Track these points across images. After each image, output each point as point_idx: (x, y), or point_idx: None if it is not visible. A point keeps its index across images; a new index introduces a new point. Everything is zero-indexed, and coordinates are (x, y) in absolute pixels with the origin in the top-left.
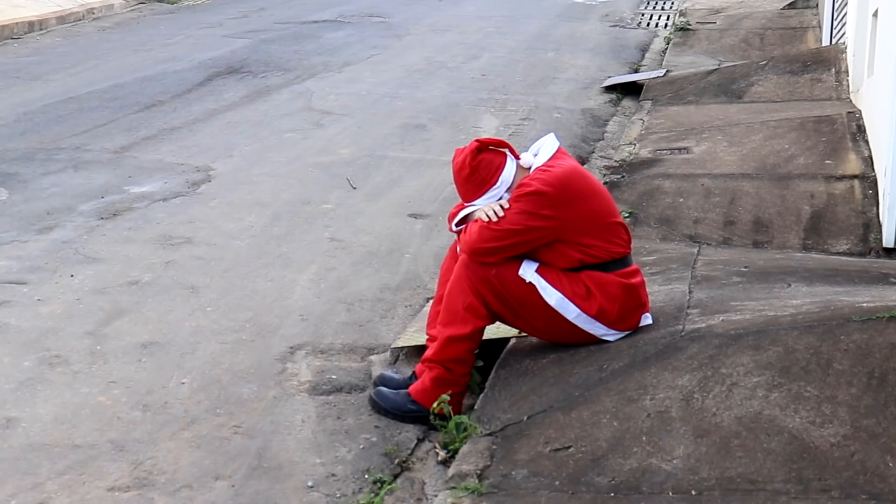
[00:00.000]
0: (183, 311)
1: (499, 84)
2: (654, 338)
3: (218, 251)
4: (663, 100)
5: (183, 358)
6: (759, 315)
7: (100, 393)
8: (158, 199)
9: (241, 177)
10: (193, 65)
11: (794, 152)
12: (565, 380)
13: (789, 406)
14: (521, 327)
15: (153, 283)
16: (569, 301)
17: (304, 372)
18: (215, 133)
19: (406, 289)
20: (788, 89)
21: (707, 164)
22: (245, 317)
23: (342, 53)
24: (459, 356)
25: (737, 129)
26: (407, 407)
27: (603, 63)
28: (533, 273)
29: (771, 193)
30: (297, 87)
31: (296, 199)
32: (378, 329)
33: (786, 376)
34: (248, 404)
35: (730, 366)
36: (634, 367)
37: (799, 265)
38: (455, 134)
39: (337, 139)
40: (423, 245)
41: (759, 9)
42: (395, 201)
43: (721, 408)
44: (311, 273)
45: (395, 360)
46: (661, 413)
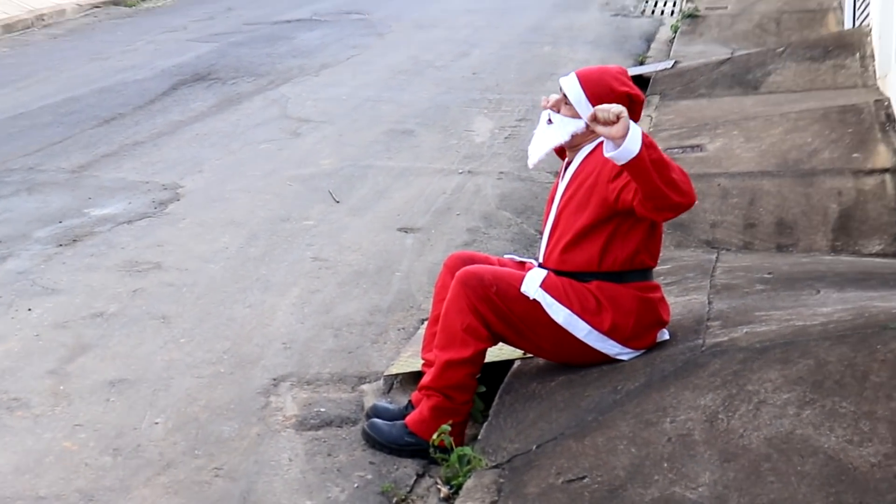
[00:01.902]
0: (154, 343)
1: (491, 83)
2: (672, 354)
3: (190, 276)
4: (672, 94)
5: (155, 395)
6: (787, 325)
7: (65, 438)
8: (122, 221)
9: (213, 194)
10: (156, 73)
11: (817, 146)
12: (576, 403)
13: (824, 424)
14: (526, 348)
15: (120, 315)
16: (578, 318)
17: (290, 405)
18: (183, 147)
19: (398, 310)
20: (809, 77)
21: (723, 163)
22: (222, 347)
23: (319, 55)
24: (459, 382)
25: (754, 122)
26: (404, 440)
27: (605, 56)
28: (537, 289)
29: (794, 192)
30: (270, 94)
31: (274, 216)
32: (369, 355)
33: (818, 391)
34: (229, 444)
35: (756, 382)
36: (652, 388)
37: (828, 269)
38: (446, 139)
39: (317, 149)
40: (416, 261)
41: None
42: (382, 215)
43: (749, 428)
44: (293, 297)
45: (388, 389)
46: (682, 436)
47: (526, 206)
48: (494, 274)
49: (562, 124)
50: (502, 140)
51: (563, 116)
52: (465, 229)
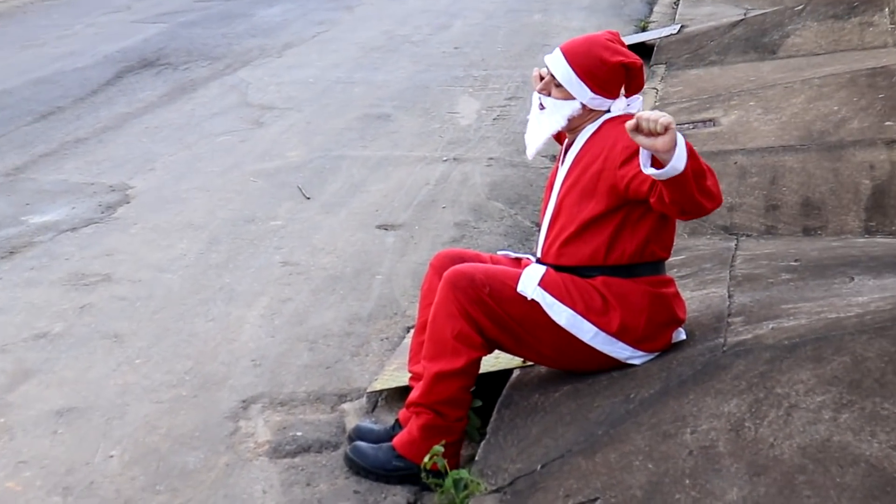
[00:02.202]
0: (106, 366)
1: (476, 58)
2: (689, 356)
3: (144, 289)
4: (680, 62)
5: (109, 425)
6: (818, 318)
7: (7, 477)
8: (66, 228)
9: (167, 194)
10: (98, 60)
11: (845, 115)
12: (584, 416)
13: (864, 429)
14: (525, 355)
15: (66, 335)
16: (582, 318)
17: (262, 430)
18: (131, 142)
19: (380, 318)
20: (833, 38)
21: (739, 138)
22: (183, 367)
23: (281, 33)
24: (452, 396)
25: (772, 91)
26: (392, 464)
27: (602, 22)
28: (535, 287)
29: (821, 167)
30: (228, 79)
31: (237, 216)
32: (349, 370)
33: (857, 392)
34: (194, 476)
35: (786, 384)
36: (669, 395)
37: (862, 253)
38: (427, 122)
39: (282, 139)
40: (398, 263)
41: None
42: (359, 211)
43: (780, 437)
44: (261, 307)
45: (373, 408)
46: (705, 449)
47: (520, 195)
48: (487, 273)
49: (555, 108)
50: (490, 122)
51: (556, 100)
52: (452, 224)
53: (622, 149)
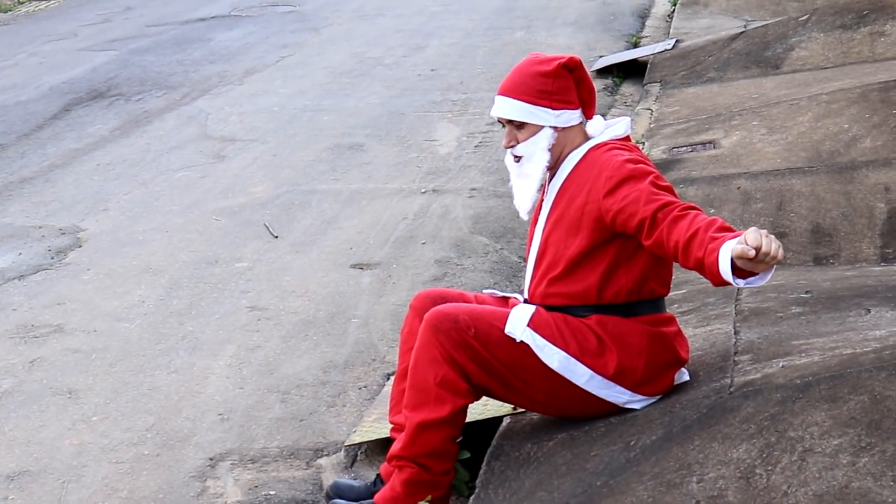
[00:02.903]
0: (60, 424)
1: (454, 80)
2: (693, 398)
3: (100, 339)
4: (675, 80)
5: (65, 489)
6: (832, 355)
7: None
8: (12, 276)
9: (122, 237)
10: (43, 92)
11: (857, 133)
12: (582, 466)
13: (885, 474)
14: (515, 402)
15: (15, 391)
16: (576, 361)
17: (232, 490)
18: (82, 181)
19: (357, 365)
20: (841, 50)
21: (742, 161)
22: (145, 424)
23: (242, 59)
24: (437, 448)
25: (777, 109)
26: None
27: (590, 39)
28: (524, 328)
29: (831, 191)
30: (185, 110)
31: (199, 259)
32: (325, 423)
33: (876, 434)
34: None
35: (799, 426)
36: (672, 441)
37: (878, 283)
38: (403, 152)
39: (246, 174)
40: (375, 304)
41: None
42: (331, 250)
43: (794, 484)
44: (228, 356)
45: (351, 463)
46: (714, 499)
47: (505, 228)
48: (471, 313)
49: (531, 149)
50: (472, 149)
51: (526, 142)
52: (433, 261)
53: (606, 179)
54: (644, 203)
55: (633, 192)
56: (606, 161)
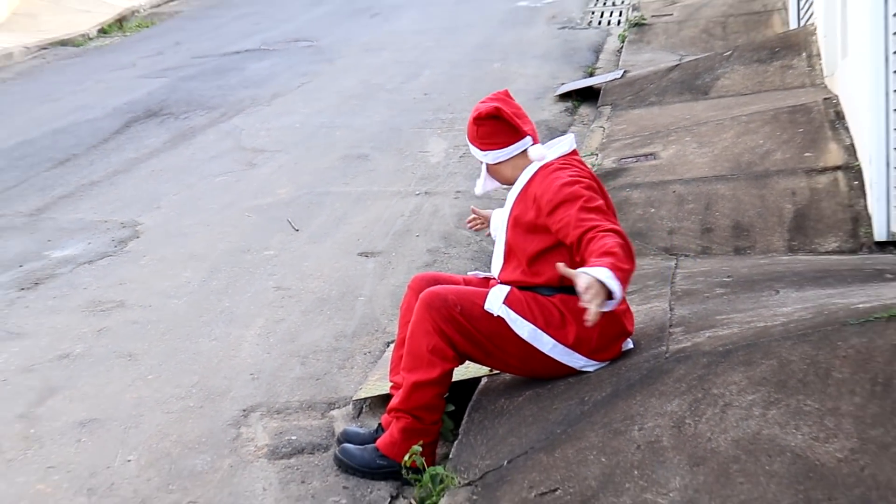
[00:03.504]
0: (122, 381)
1: (443, 102)
2: (636, 362)
3: (154, 313)
4: (623, 103)
5: (126, 433)
6: (748, 327)
7: (38, 480)
8: (83, 261)
9: (172, 229)
10: (108, 111)
11: (769, 147)
12: (545, 417)
13: (789, 423)
14: (492, 365)
15: (86, 355)
16: (542, 332)
17: (261, 435)
18: (139, 184)
19: (363, 335)
20: (757, 80)
21: (677, 169)
22: (190, 381)
23: (270, 84)
24: (428, 402)
25: (705, 127)
26: (376, 463)
27: (554, 69)
28: (500, 305)
29: (749, 194)
30: (223, 126)
31: (234, 248)
32: (337, 381)
33: (783, 391)
34: (202, 476)
35: (721, 385)
36: (618, 397)
37: (786, 269)
38: (401, 161)
39: (273, 178)
40: (378, 285)
41: None
42: (342, 241)
43: (716, 431)
44: (258, 327)
45: (358, 414)
46: (651, 443)
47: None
48: (458, 294)
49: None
50: (457, 159)
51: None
52: (425, 250)
53: (546, 202)
54: (573, 228)
55: (566, 217)
56: (549, 184)
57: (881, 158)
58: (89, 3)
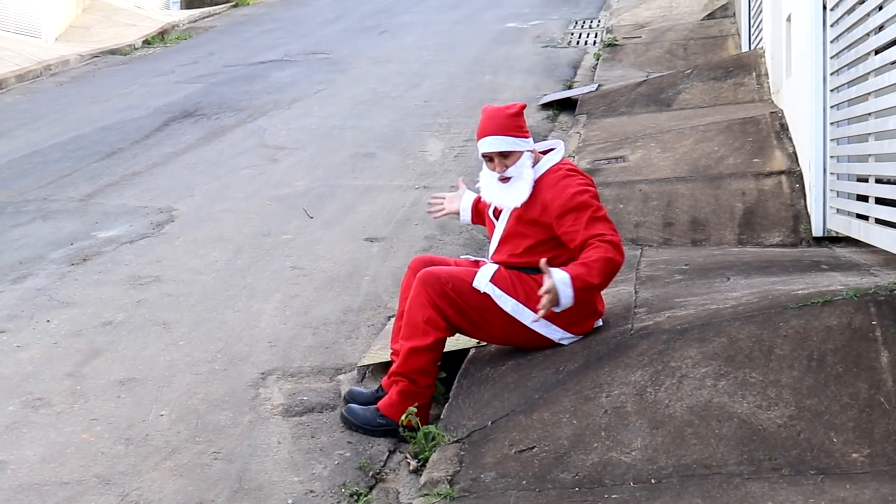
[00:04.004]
0: (157, 346)
1: (441, 109)
2: (605, 338)
3: (186, 287)
4: (597, 113)
5: (160, 391)
6: (703, 309)
7: (83, 431)
8: (125, 241)
9: (203, 214)
10: (150, 112)
11: (723, 153)
12: (525, 384)
13: (737, 393)
14: (480, 337)
15: (126, 323)
16: (523, 306)
17: (277, 395)
18: (175, 175)
19: (368, 309)
20: (714, 95)
21: (643, 171)
22: (216, 347)
23: (290, 91)
24: (422, 367)
25: (668, 135)
26: (376, 421)
27: (538, 82)
28: (487, 283)
29: (705, 194)
30: (249, 126)
31: (257, 231)
32: (344, 349)
33: (731, 365)
34: (225, 430)
35: (678, 359)
36: (589, 367)
37: (736, 259)
38: (403, 159)
39: (291, 172)
40: (381, 266)
41: (681, 21)
42: (350, 227)
43: (673, 399)
44: (276, 301)
45: (362, 378)
46: (617, 409)
47: None
48: (450, 273)
49: (520, 168)
50: (452, 158)
51: (514, 165)
52: (423, 237)
53: (559, 206)
54: (580, 235)
55: (575, 225)
56: (563, 188)
57: (819, 164)
58: (135, 18)
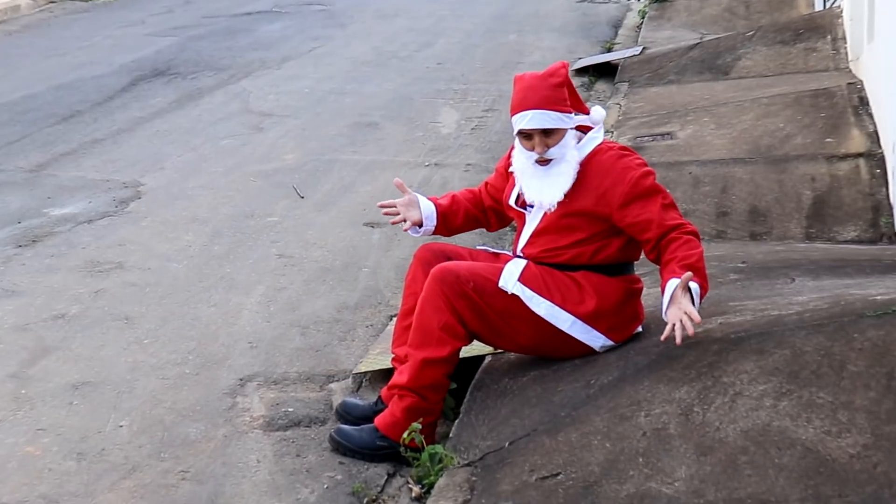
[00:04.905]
0: (117, 345)
1: (457, 73)
2: (645, 346)
3: (153, 276)
4: (641, 81)
5: (119, 398)
6: (762, 315)
7: (27, 443)
8: (83, 220)
9: (175, 191)
10: (114, 69)
11: (790, 131)
12: (549, 399)
13: (801, 415)
14: (501, 344)
15: (82, 316)
16: (559, 308)
17: (257, 406)
18: (143, 144)
19: (366, 307)
20: (780, 61)
21: (694, 150)
22: (187, 348)
23: (280, 48)
24: (435, 381)
25: (725, 108)
26: (376, 444)
27: (571, 43)
28: (515, 282)
29: (767, 179)
30: (232, 88)
31: (237, 212)
32: (337, 353)
33: (795, 382)
34: (195, 445)
35: (732, 374)
36: (625, 381)
37: (802, 257)
38: (411, 131)
39: (280, 143)
40: (383, 257)
41: None
42: (348, 210)
43: (725, 421)
44: (258, 295)
45: (357, 388)
46: (658, 430)
47: None
48: (471, 269)
49: (563, 149)
50: (469, 131)
51: (557, 146)
52: None
53: (622, 193)
54: (656, 225)
55: (646, 214)
56: (623, 172)
57: None
58: None
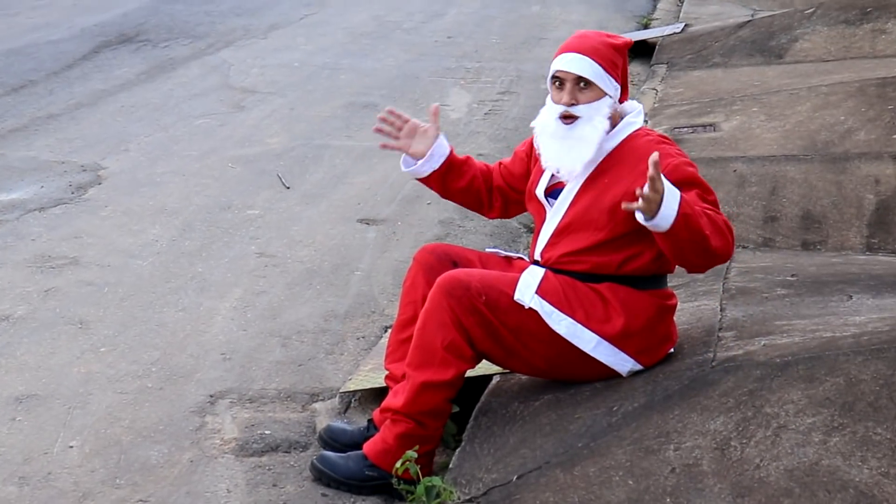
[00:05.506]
0: (69, 353)
1: (469, 48)
2: (677, 370)
3: (113, 274)
4: (682, 63)
5: (70, 414)
6: (812, 337)
7: None
8: (33, 208)
9: (141, 177)
10: (74, 33)
11: (852, 125)
12: (565, 427)
13: (855, 454)
14: (513, 366)
15: (29, 318)
16: (583, 327)
17: (229, 427)
18: (105, 121)
19: (357, 316)
20: (843, 44)
21: (740, 145)
22: (150, 358)
23: (267, 14)
24: (435, 407)
25: (777, 97)
26: (365, 474)
27: (603, 17)
28: (532, 295)
29: (823, 179)
30: (210, 59)
31: (212, 203)
32: (323, 369)
33: (849, 415)
34: (156, 471)
35: (776, 403)
36: (653, 409)
37: (862, 271)
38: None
39: (263, 125)
40: (378, 259)
41: None
42: (340, 203)
43: (766, 458)
44: (234, 299)
45: (345, 409)
46: (689, 467)
47: None
48: (482, 279)
49: (592, 112)
50: (481, 116)
51: (589, 104)
52: (436, 221)
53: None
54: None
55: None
56: (663, 156)
57: None
58: None
